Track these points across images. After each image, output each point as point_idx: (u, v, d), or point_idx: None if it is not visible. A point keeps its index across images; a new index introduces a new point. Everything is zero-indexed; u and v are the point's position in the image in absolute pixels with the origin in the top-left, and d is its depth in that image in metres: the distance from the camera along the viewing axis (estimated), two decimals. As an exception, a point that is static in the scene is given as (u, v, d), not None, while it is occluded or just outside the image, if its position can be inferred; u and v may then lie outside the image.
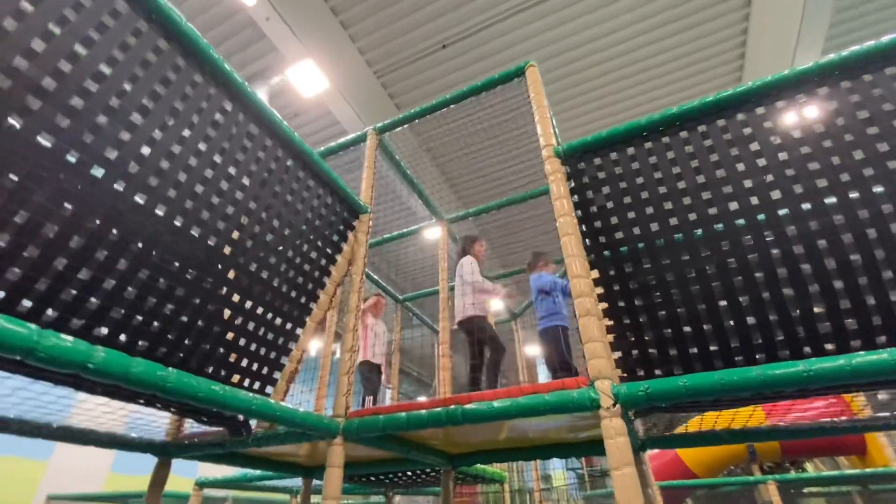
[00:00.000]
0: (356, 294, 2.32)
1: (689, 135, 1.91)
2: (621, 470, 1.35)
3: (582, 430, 2.29)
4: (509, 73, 2.61)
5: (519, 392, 1.64)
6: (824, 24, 5.47)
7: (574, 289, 1.75)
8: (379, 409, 1.93)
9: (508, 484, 4.09)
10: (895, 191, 1.49)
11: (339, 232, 2.44)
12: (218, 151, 1.76)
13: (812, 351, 1.46)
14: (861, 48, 1.66)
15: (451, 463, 2.84)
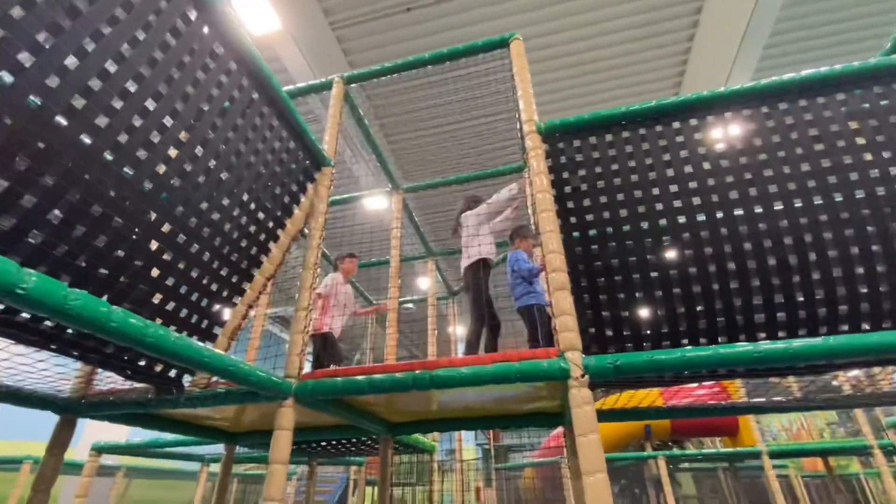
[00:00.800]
0: (314, 251, 2.16)
1: (663, 129, 2.00)
2: (587, 436, 1.41)
3: (528, 403, 2.37)
4: (493, 41, 2.54)
5: (489, 360, 1.64)
6: (759, 49, 6.09)
7: (549, 264, 1.77)
8: (336, 370, 1.83)
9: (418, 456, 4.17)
10: (805, 209, 1.69)
11: (299, 182, 2.25)
12: (175, 65, 1.50)
13: (766, 335, 1.62)
14: (779, 80, 1.85)
15: (390, 431, 2.81)
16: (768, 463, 4.95)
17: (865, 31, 6.73)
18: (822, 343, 1.40)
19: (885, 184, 1.69)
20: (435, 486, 3.78)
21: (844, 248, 1.65)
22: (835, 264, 1.65)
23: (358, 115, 3.03)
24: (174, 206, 1.58)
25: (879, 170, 1.72)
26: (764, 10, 5.57)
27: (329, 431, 2.84)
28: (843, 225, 1.68)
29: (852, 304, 1.61)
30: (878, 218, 1.66)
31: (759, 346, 1.43)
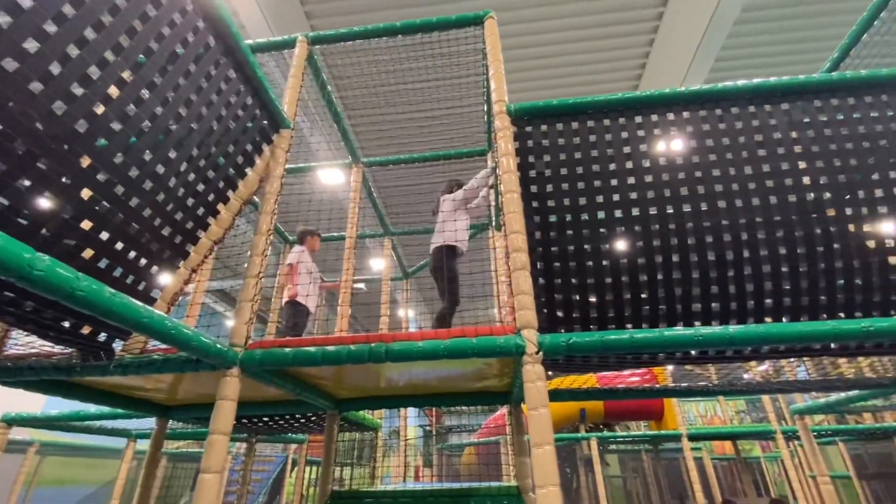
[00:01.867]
0: (268, 217, 2.05)
1: (626, 122, 2.07)
2: (538, 410, 1.46)
3: (477, 381, 2.41)
4: (467, 17, 2.50)
5: (446, 334, 1.64)
6: (715, 51, 6.44)
7: (511, 244, 1.79)
8: (287, 340, 1.76)
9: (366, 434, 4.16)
10: (744, 209, 1.83)
11: (255, 143, 2.11)
12: (122, -5, 1.35)
13: (702, 324, 1.74)
14: (733, 85, 1.98)
15: (337, 407, 2.76)
16: (687, 445, 5.40)
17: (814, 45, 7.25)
18: (753, 329, 1.52)
19: (814, 191, 1.86)
20: (375, 465, 3.78)
21: (774, 247, 1.80)
22: (764, 262, 1.80)
23: (321, 80, 2.89)
24: (112, 154, 1.43)
25: (811, 178, 1.88)
26: (720, 19, 5.89)
27: (273, 406, 2.75)
28: (774, 226, 1.83)
29: (777, 298, 1.77)
30: (806, 222, 1.82)
31: (699, 330, 1.54)
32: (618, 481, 10.39)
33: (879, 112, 1.94)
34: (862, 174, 1.87)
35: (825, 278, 1.74)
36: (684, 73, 6.74)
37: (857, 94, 1.96)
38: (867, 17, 2.61)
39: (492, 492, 2.28)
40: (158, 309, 1.81)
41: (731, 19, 5.98)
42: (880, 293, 1.76)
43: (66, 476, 6.88)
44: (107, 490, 7.65)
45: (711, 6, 5.71)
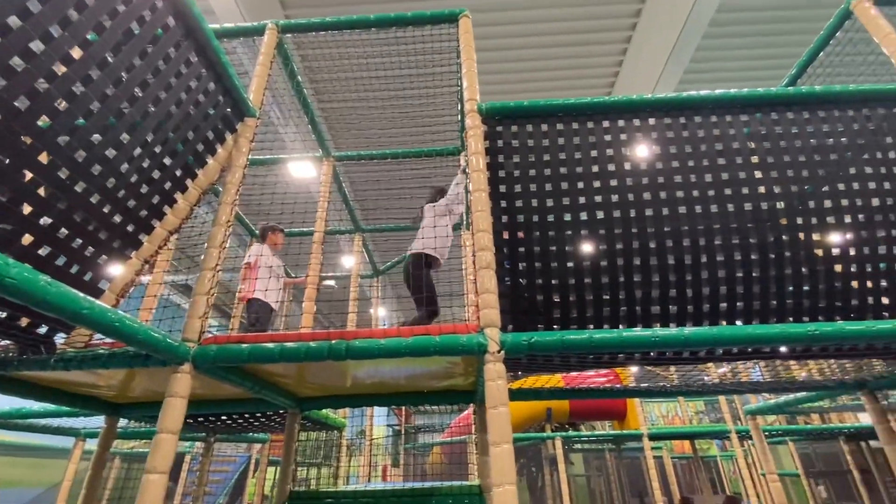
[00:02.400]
0: (227, 208, 1.98)
1: (594, 126, 2.10)
2: (498, 409, 1.46)
3: (442, 380, 2.40)
4: (442, 14, 2.49)
5: (409, 332, 1.62)
6: (686, 61, 6.66)
7: (477, 242, 1.79)
8: (244, 336, 1.70)
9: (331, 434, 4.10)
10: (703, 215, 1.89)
11: (217, 130, 2.03)
12: (70, -36, 1.27)
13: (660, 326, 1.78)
14: (697, 95, 2.04)
15: (299, 405, 2.70)
16: (648, 444, 5.56)
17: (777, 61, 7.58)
18: (706, 331, 1.57)
19: (768, 200, 1.93)
20: (340, 466, 3.72)
21: (730, 253, 1.86)
22: (720, 267, 1.86)
23: (291, 69, 2.82)
24: (57, 134, 1.34)
25: (765, 187, 1.96)
26: (690, 30, 6.08)
27: (231, 405, 2.66)
28: (730, 233, 1.89)
29: (731, 302, 1.83)
30: (760, 230, 1.89)
31: (657, 331, 1.57)
32: (582, 480, 10.61)
33: (831, 127, 2.04)
34: (813, 186, 1.96)
35: (776, 284, 1.81)
36: (656, 80, 6.94)
37: (811, 109, 2.05)
38: (823, 36, 2.74)
39: (454, 491, 2.27)
40: (106, 300, 1.72)
41: (700, 32, 6.20)
42: (826, 299, 1.85)
43: (8, 478, 6.48)
44: (55, 492, 7.27)
45: (682, 17, 5.89)
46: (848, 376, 2.57)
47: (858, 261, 1.90)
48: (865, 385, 2.53)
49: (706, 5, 5.78)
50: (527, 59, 7.59)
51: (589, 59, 7.54)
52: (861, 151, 2.02)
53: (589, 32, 7.01)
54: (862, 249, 1.91)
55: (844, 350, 2.03)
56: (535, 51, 7.42)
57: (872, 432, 4.18)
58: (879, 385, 2.49)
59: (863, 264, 1.91)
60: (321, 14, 6.35)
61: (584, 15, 6.76)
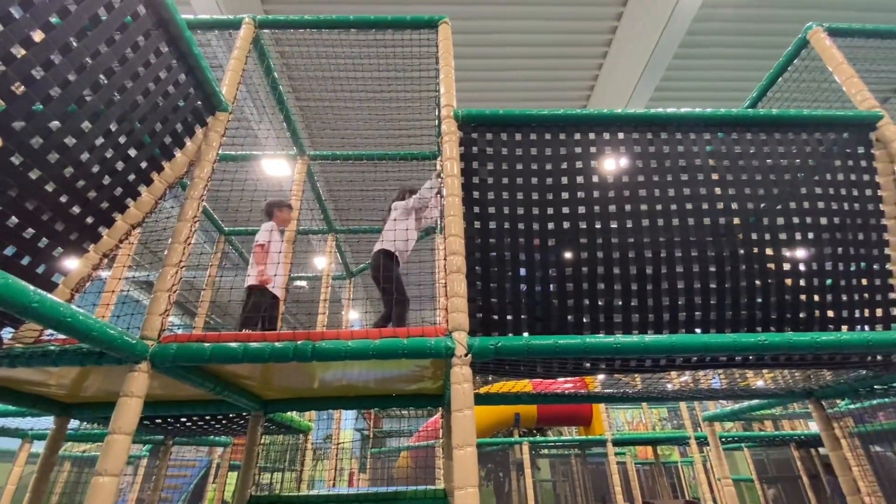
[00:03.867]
0: (194, 203, 1.93)
1: (566, 137, 2.16)
2: (462, 412, 1.47)
3: (411, 383, 2.39)
4: (422, 19, 2.50)
5: (377, 334, 1.62)
6: (657, 79, 6.93)
7: (448, 246, 1.80)
8: (205, 335, 1.65)
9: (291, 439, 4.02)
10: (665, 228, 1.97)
11: (186, 123, 1.98)
12: (33, -56, 1.22)
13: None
14: (664, 112, 2.14)
15: (263, 407, 2.64)
16: (611, 449, 5.69)
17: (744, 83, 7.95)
18: (665, 339, 1.63)
19: (726, 215, 2.02)
20: (307, 469, 3.64)
21: (689, 264, 1.94)
22: (680, 278, 1.93)
23: (267, 65, 2.78)
24: (12, 119, 1.28)
25: (723, 203, 2.05)
26: (663, 48, 6.32)
27: (191, 406, 2.57)
28: (690, 246, 1.97)
29: (689, 312, 1.91)
30: (718, 244, 1.98)
31: (618, 338, 1.62)
32: (548, 485, 10.73)
33: (785, 148, 2.16)
34: (767, 203, 2.07)
35: (731, 296, 1.89)
36: (629, 95, 7.17)
37: (768, 131, 2.16)
38: (782, 62, 2.90)
39: (418, 495, 2.27)
40: (59, 296, 1.65)
41: (671, 52, 6.46)
42: (776, 311, 1.95)
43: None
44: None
45: (655, 37, 6.13)
46: (798, 386, 2.71)
47: (807, 276, 2.02)
48: (812, 394, 2.67)
49: (678, 26, 6.03)
50: (506, 68, 7.72)
51: (566, 73, 7.73)
52: (812, 173, 2.15)
53: (567, 46, 7.19)
54: (810, 266, 2.03)
55: (794, 360, 2.15)
56: (514, 61, 7.55)
57: (820, 439, 4.41)
58: (825, 394, 2.63)
59: (811, 280, 2.03)
60: (301, 11, 6.29)
61: (562, 29, 6.94)
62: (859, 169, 2.23)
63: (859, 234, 2.15)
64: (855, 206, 2.18)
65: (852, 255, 2.12)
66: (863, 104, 2.36)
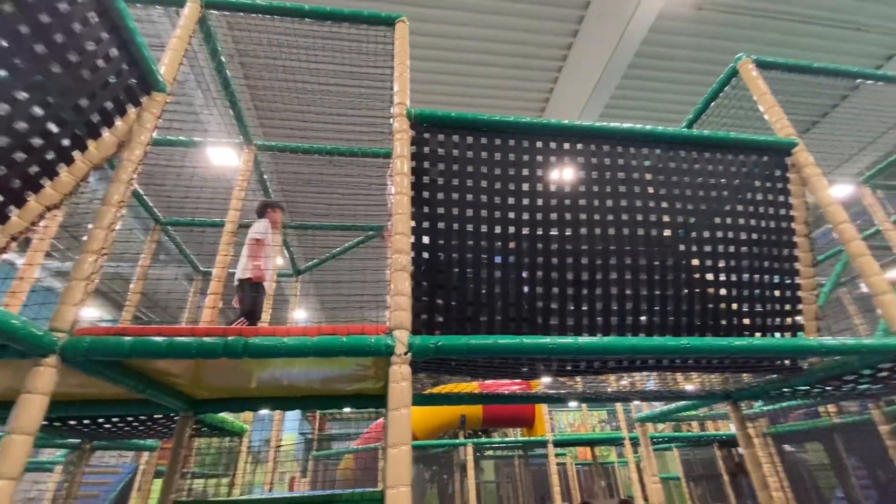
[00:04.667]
0: (122, 186, 1.80)
1: (515, 143, 2.21)
2: (399, 410, 1.46)
3: (355, 383, 2.35)
4: (379, 16, 2.48)
5: (316, 331, 1.57)
6: (607, 95, 7.29)
7: (395, 244, 1.79)
8: (125, 328, 1.54)
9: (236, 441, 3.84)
10: (602, 236, 2.08)
11: (117, 101, 1.85)
12: None
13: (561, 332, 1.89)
14: (608, 126, 2.26)
15: (192, 408, 2.49)
16: (552, 450, 5.86)
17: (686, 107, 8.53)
18: (598, 341, 1.70)
19: (657, 228, 2.15)
20: (239, 474, 3.46)
21: (622, 272, 2.05)
22: (613, 284, 2.03)
23: (214, 47, 2.64)
24: None
25: (656, 216, 2.18)
26: (617, 60, 6.66)
27: (111, 406, 2.39)
28: (624, 254, 2.08)
29: (622, 317, 2.01)
30: (650, 254, 2.10)
31: (555, 339, 1.67)
32: (492, 486, 10.90)
33: (713, 167, 2.33)
34: (696, 218, 2.22)
35: (660, 303, 2.02)
36: (581, 108, 7.49)
37: (699, 150, 2.33)
38: (715, 88, 3.14)
39: (354, 497, 2.22)
40: (-46, 280, 1.48)
41: (621, 71, 6.84)
42: (699, 318, 2.09)
43: None
44: None
45: (608, 53, 6.47)
46: (717, 388, 2.92)
47: (727, 287, 2.19)
48: (730, 396, 2.89)
49: (628, 47, 6.40)
50: (467, 73, 7.83)
51: (524, 83, 7.96)
52: (735, 192, 2.33)
53: (526, 58, 7.42)
54: (730, 277, 2.20)
55: (714, 363, 2.31)
56: (475, 68, 7.67)
57: (738, 439, 4.79)
58: (741, 396, 2.86)
59: (730, 290, 2.20)
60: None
61: (522, 40, 7.14)
62: (775, 190, 2.45)
63: (773, 250, 2.37)
64: (771, 224, 2.39)
65: (767, 268, 2.32)
66: (781, 131, 2.60)
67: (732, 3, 6.91)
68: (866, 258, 2.12)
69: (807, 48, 7.75)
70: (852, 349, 1.88)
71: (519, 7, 6.85)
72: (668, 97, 8.45)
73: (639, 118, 8.64)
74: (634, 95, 8.33)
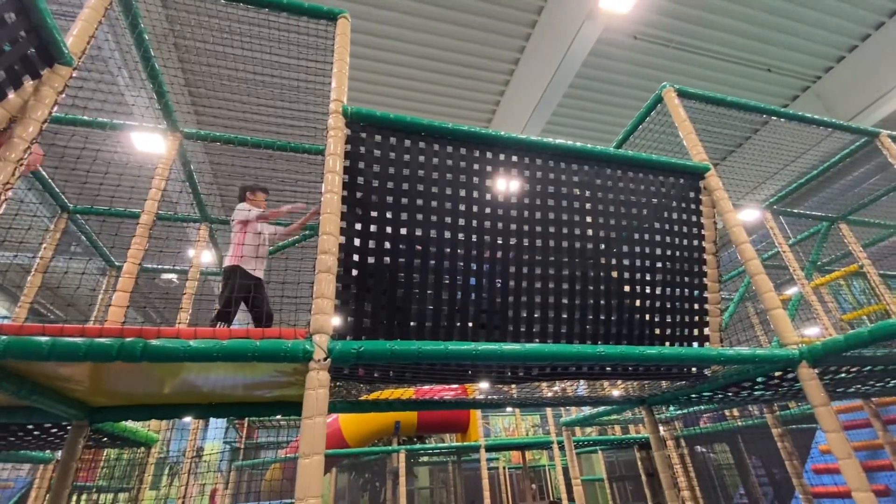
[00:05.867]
0: (11, 166, 1.59)
1: (452, 150, 2.23)
2: (314, 419, 1.40)
3: (270, 389, 2.24)
4: (321, 10, 2.42)
5: (227, 334, 1.48)
6: (549, 112, 7.61)
7: (322, 245, 1.73)
8: (1, 325, 1.36)
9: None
10: (530, 247, 2.16)
11: (12, 72, 1.64)
12: None
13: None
14: (542, 140, 2.35)
15: (88, 416, 2.25)
16: (483, 455, 5.94)
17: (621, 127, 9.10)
18: (520, 348, 1.74)
19: (581, 241, 2.26)
20: (145, 488, 3.16)
21: (546, 281, 2.13)
22: (537, 293, 2.10)
23: (133, 23, 2.43)
24: None
25: (580, 229, 2.28)
26: (559, 80, 6.97)
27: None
28: (549, 265, 2.15)
29: (543, 325, 2.08)
30: (573, 264, 2.19)
31: (478, 345, 1.68)
32: (426, 492, 10.86)
33: (635, 186, 2.48)
34: (616, 232, 2.35)
35: (580, 312, 2.11)
36: (524, 123, 7.77)
37: (623, 168, 2.47)
38: (643, 112, 3.36)
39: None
40: None
41: (562, 92, 7.19)
42: (616, 327, 2.21)
43: None
44: None
45: (551, 70, 6.77)
46: (634, 394, 3.11)
47: (641, 299, 2.33)
48: (644, 401, 3.08)
49: (568, 69, 6.74)
50: (415, 78, 7.85)
51: (473, 94, 8.13)
52: (654, 209, 2.50)
53: (474, 69, 7.58)
54: (644, 290, 2.35)
55: (629, 371, 2.45)
56: (425, 73, 7.72)
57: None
58: (654, 401, 3.06)
59: (644, 302, 2.35)
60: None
61: (471, 51, 7.29)
62: (689, 210, 2.66)
63: (685, 266, 2.56)
64: (684, 242, 2.59)
65: (678, 282, 2.50)
66: (696, 156, 2.83)
67: (664, 35, 7.48)
68: (762, 276, 2.34)
69: (726, 83, 8.56)
70: (746, 359, 2.07)
71: (471, 19, 6.99)
72: (604, 118, 8.99)
73: (577, 136, 9.10)
74: (573, 114, 8.79)
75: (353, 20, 2.52)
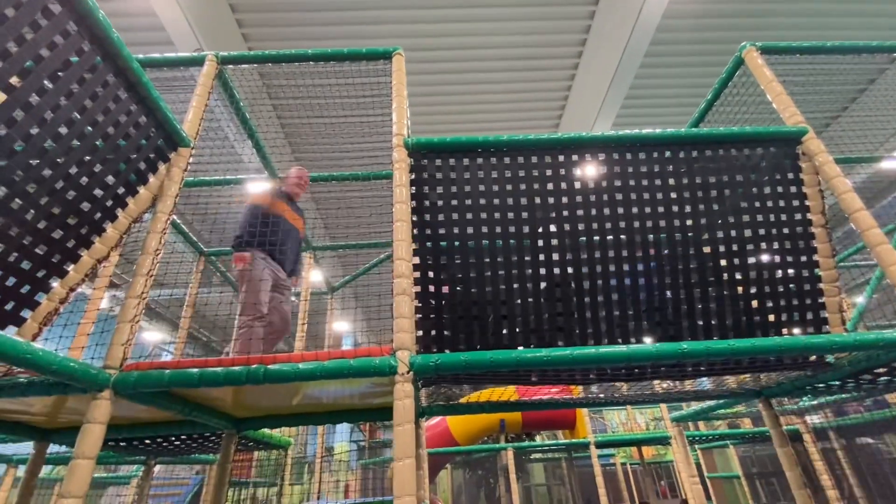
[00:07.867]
0: (156, 237, 2.04)
1: (510, 161, 2.29)
2: (403, 426, 1.59)
3: (375, 398, 2.51)
4: (377, 52, 2.65)
5: (326, 356, 1.74)
6: (618, 104, 7.18)
7: (396, 269, 1.93)
8: (165, 362, 1.76)
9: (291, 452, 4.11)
10: (601, 245, 2.11)
11: (149, 161, 2.11)
12: (-10, 16, 1.35)
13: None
14: (624, 134, 2.28)
15: (235, 426, 2.73)
16: (594, 452, 5.79)
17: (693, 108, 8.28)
18: (594, 352, 1.75)
19: (668, 231, 2.16)
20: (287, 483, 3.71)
21: (622, 282, 2.08)
22: (616, 293, 2.07)
23: (231, 94, 2.90)
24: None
25: (665, 220, 2.19)
26: (627, 61, 6.55)
27: (165, 427, 2.67)
28: (633, 261, 2.11)
29: (623, 323, 2.04)
30: (662, 257, 2.11)
31: (551, 351, 1.74)
32: (543, 489, 10.80)
33: (718, 164, 2.30)
34: (711, 218, 2.20)
35: (673, 308, 2.03)
36: (594, 119, 7.42)
37: (706, 148, 2.31)
38: (723, 79, 3.06)
39: None
40: (28, 329, 1.76)
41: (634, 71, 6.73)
42: (717, 319, 2.08)
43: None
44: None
45: (618, 53, 6.37)
46: (747, 386, 2.85)
47: (744, 286, 2.15)
48: (761, 393, 2.81)
49: (639, 43, 6.27)
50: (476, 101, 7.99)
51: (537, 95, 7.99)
52: (747, 187, 2.29)
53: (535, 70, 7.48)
54: (747, 275, 2.17)
55: (727, 366, 2.27)
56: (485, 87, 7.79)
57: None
58: (771, 392, 2.77)
59: (748, 289, 2.16)
60: (280, 35, 6.46)
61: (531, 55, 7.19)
62: (789, 181, 2.39)
63: (792, 243, 2.30)
64: (787, 217, 2.33)
65: (785, 262, 2.26)
66: (790, 119, 2.52)
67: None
68: (884, 247, 2.03)
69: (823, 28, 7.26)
70: (869, 344, 1.82)
71: (527, 25, 6.87)
72: (677, 100, 8.20)
73: (654, 118, 8.39)
74: (647, 94, 8.14)
75: (415, 51, 2.71)
